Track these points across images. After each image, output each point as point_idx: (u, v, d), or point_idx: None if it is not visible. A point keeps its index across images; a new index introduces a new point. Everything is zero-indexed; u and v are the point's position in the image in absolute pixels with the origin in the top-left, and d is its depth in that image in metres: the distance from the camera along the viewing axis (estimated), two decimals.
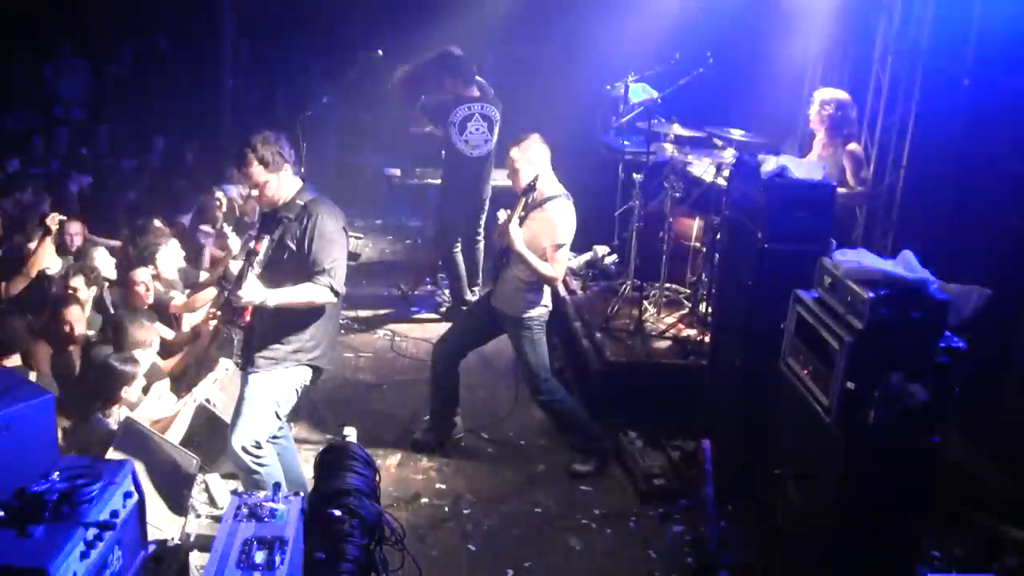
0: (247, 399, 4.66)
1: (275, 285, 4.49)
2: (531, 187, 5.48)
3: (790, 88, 8.49)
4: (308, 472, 4.89)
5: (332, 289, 4.55)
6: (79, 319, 5.74)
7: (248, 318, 4.62)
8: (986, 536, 5.05)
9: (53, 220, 6.64)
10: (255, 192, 4.63)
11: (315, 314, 4.66)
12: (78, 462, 3.60)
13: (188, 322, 6.64)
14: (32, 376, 5.29)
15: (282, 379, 4.67)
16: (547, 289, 5.79)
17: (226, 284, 6.69)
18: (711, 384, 5.85)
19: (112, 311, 6.30)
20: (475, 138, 7.81)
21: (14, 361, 5.47)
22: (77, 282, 6.04)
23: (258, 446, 4.61)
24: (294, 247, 4.56)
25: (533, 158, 5.60)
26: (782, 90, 8.53)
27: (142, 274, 6.37)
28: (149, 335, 5.70)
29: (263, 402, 4.64)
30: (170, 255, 6.97)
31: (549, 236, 5.57)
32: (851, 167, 6.49)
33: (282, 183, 4.60)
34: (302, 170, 9.83)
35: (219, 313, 4.74)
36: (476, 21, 10.68)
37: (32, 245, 6.77)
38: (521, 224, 5.58)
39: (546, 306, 5.80)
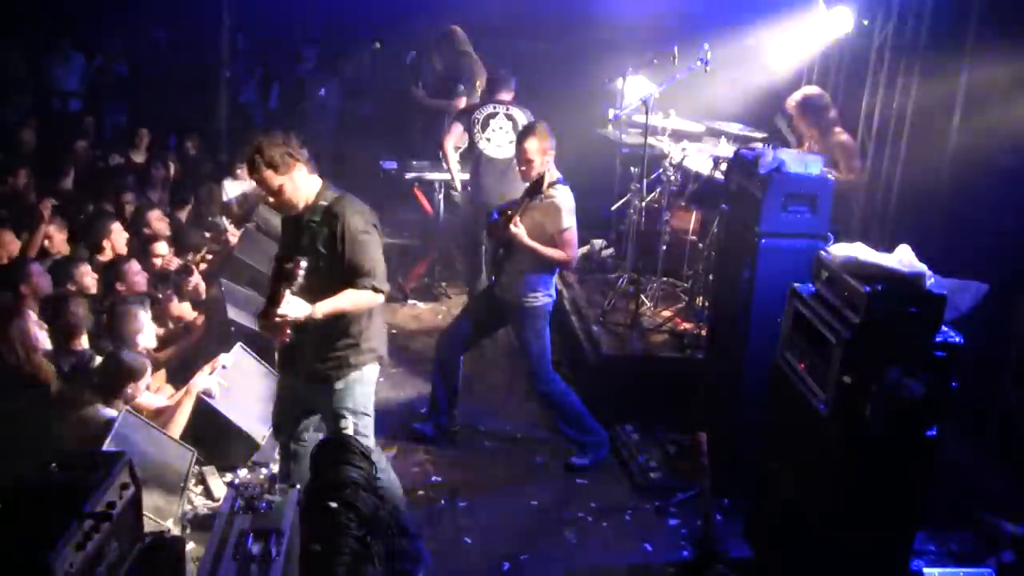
0: (339, 414, 4.52)
1: (313, 294, 4.25)
2: (539, 182, 5.47)
3: (789, 82, 8.49)
4: (306, 464, 4.89)
5: (375, 289, 4.36)
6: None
7: (289, 333, 4.33)
8: (982, 530, 5.06)
9: (46, 206, 6.63)
10: (270, 198, 4.37)
11: (360, 313, 4.47)
12: (76, 453, 3.60)
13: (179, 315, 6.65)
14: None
15: (359, 382, 4.55)
16: (552, 278, 5.78)
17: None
18: (708, 378, 5.85)
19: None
20: (498, 137, 7.70)
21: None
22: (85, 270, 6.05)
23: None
24: (326, 253, 4.34)
25: (547, 149, 5.58)
26: (780, 84, 8.53)
27: (136, 264, 6.34)
28: (144, 324, 5.68)
29: (356, 410, 4.53)
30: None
31: (555, 222, 5.56)
32: (844, 158, 6.51)
33: (298, 185, 4.35)
34: None
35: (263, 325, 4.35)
36: (475, 13, 10.66)
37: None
38: (522, 216, 5.57)
39: (550, 295, 5.78)
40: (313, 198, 4.41)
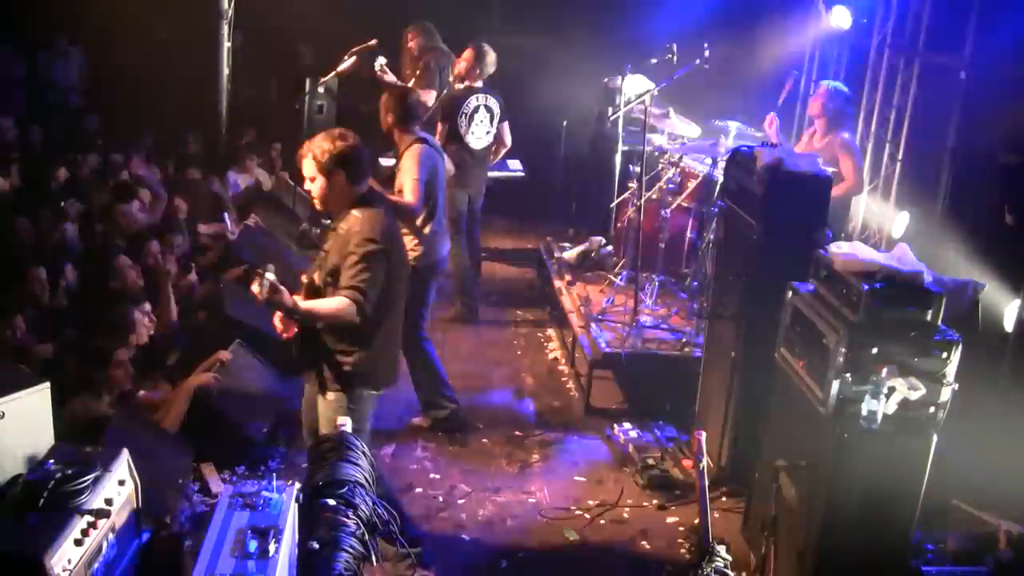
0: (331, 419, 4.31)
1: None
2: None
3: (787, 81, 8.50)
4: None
5: (355, 302, 4.07)
6: None
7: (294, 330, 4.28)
8: (979, 529, 5.07)
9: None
10: (314, 198, 4.29)
11: (343, 329, 4.24)
12: (73, 450, 3.60)
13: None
14: None
15: (349, 400, 4.33)
16: (427, 239, 5.81)
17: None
18: (706, 376, 5.85)
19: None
20: (479, 130, 7.72)
21: None
22: None
23: None
24: (338, 257, 4.21)
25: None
26: (779, 83, 8.53)
27: (127, 259, 6.31)
28: (142, 318, 5.66)
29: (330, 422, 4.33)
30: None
31: (407, 173, 5.73)
32: (851, 161, 6.44)
33: (337, 191, 4.26)
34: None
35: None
36: (474, 10, 10.66)
37: None
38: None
39: (423, 255, 5.78)
40: (349, 206, 4.26)
